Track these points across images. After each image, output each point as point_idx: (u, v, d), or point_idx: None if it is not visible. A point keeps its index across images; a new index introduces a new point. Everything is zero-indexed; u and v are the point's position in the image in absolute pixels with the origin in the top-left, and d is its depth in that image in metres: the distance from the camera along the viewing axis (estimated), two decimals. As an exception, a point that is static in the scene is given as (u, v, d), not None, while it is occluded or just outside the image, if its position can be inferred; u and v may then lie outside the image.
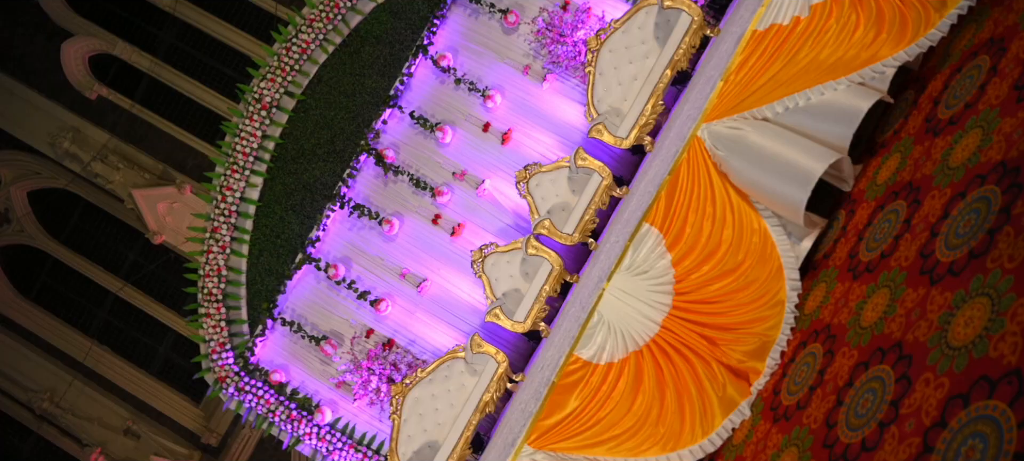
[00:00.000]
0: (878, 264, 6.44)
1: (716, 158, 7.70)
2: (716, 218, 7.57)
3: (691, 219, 7.62)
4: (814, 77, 7.57)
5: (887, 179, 7.08)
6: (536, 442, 7.57)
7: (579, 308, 8.23)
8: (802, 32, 7.75)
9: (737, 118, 7.71)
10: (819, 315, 7.07)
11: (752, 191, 7.62)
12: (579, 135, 12.00)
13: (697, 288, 7.56)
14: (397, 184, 12.36)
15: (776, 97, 7.65)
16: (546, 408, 7.61)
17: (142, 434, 13.98)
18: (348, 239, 12.46)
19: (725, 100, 7.82)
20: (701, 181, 7.65)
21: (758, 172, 7.49)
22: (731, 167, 7.62)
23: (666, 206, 7.72)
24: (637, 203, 8.48)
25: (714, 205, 7.59)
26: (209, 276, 12.37)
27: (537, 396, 7.78)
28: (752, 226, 7.52)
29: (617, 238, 8.46)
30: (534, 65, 12.17)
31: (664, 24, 10.53)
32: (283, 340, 12.44)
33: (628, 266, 7.77)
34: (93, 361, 14.72)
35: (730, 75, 7.87)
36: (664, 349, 7.55)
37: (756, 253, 7.47)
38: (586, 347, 7.70)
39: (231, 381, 12.14)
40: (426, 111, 12.36)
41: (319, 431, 11.94)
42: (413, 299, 12.22)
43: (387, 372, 11.73)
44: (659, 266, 7.63)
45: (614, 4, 12.06)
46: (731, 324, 7.53)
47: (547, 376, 7.87)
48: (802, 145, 7.43)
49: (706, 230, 7.57)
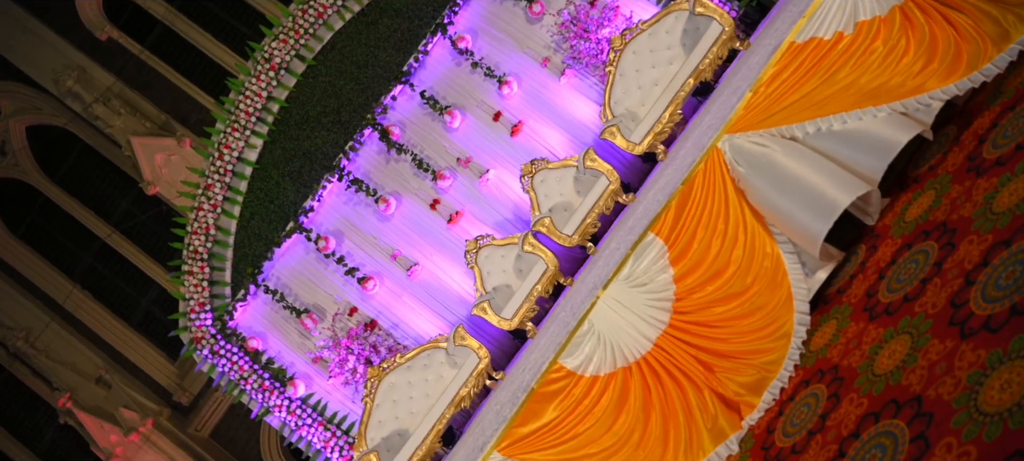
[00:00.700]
0: (899, 307, 5.69)
1: (735, 173, 6.92)
2: (727, 237, 6.80)
3: (700, 234, 6.85)
4: (852, 100, 6.79)
5: (918, 217, 6.32)
6: (506, 449, 6.82)
7: (569, 313, 7.49)
8: (844, 50, 6.97)
9: (763, 133, 6.92)
10: (826, 354, 6.33)
11: (769, 213, 6.83)
12: (591, 135, 11.29)
13: (698, 309, 6.80)
14: (399, 163, 11.63)
15: (808, 116, 6.87)
16: (522, 415, 6.85)
17: (114, 385, 13.29)
18: (342, 213, 11.73)
19: (752, 113, 7.03)
20: (716, 195, 6.88)
21: (779, 194, 6.70)
22: (750, 185, 6.83)
23: (675, 217, 6.94)
24: (644, 211, 7.73)
25: (726, 223, 6.82)
26: (196, 234, 11.65)
27: (514, 401, 7.04)
28: (764, 250, 6.76)
29: (618, 245, 7.71)
30: (554, 58, 11.43)
31: (693, 31, 9.84)
32: (264, 308, 11.71)
33: (627, 276, 6.99)
34: (73, 305, 14.01)
35: (760, 87, 7.07)
36: (655, 369, 6.80)
37: (766, 279, 6.70)
38: (572, 356, 6.92)
39: (206, 343, 11.43)
40: (438, 92, 11.63)
41: (290, 404, 11.23)
42: (402, 282, 11.49)
43: (366, 353, 11.01)
44: (660, 280, 6.85)
45: (643, 5, 11.32)
46: (730, 351, 6.76)
47: (527, 381, 7.12)
48: (830, 172, 6.65)
49: (715, 248, 6.80)
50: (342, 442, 11.12)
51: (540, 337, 8.34)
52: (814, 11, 7.10)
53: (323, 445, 11.13)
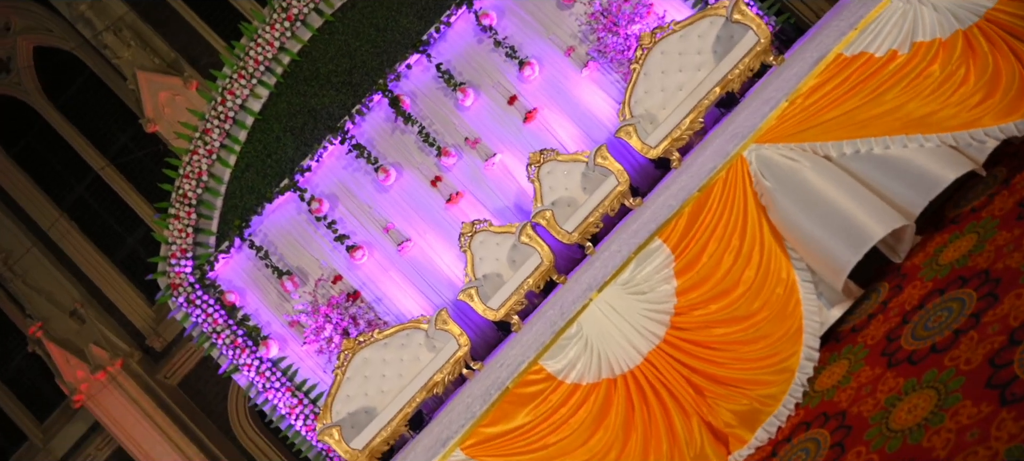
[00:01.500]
0: (925, 357, 4.89)
1: (759, 187, 6.05)
2: (741, 254, 5.95)
3: (711, 247, 6.00)
4: (898, 125, 5.90)
5: (954, 261, 5.51)
6: (471, 448, 6.00)
7: (558, 313, 6.69)
8: (896, 70, 6.10)
9: (795, 147, 6.03)
10: (833, 396, 5.52)
11: (791, 235, 5.95)
12: (605, 133, 10.51)
13: (697, 327, 5.97)
14: (405, 134, 10.85)
15: (846, 136, 5.97)
16: (492, 414, 6.03)
17: (88, 320, 12.56)
18: (340, 177, 10.96)
19: (785, 124, 6.15)
20: (734, 208, 6.03)
21: (805, 216, 5.81)
22: (774, 201, 5.94)
23: (687, 226, 6.08)
24: (651, 216, 6.92)
25: (742, 239, 5.97)
26: (188, 177, 10.88)
27: (486, 398, 6.23)
28: (780, 275, 5.92)
29: (619, 247, 6.91)
30: (579, 49, 10.65)
31: (726, 39, 9.08)
32: (247, 263, 10.95)
33: (625, 282, 6.15)
34: (58, 234, 13.25)
35: (798, 97, 6.19)
36: (641, 385, 5.98)
37: (776, 307, 5.87)
38: (555, 359, 6.10)
39: (183, 291, 10.66)
40: (454, 67, 10.84)
41: (260, 365, 10.46)
42: (391, 256, 10.72)
43: (344, 323, 10.24)
44: (661, 291, 6.01)
45: (678, 6, 10.53)
46: (726, 378, 5.93)
47: (503, 378, 6.32)
48: (865, 199, 5.77)
49: (726, 264, 5.96)
50: (308, 411, 10.36)
51: (524, 333, 7.57)
52: (868, 24, 6.25)
53: (288, 411, 10.37)
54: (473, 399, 6.69)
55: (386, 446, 8.80)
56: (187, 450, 11.71)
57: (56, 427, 13.01)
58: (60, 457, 12.75)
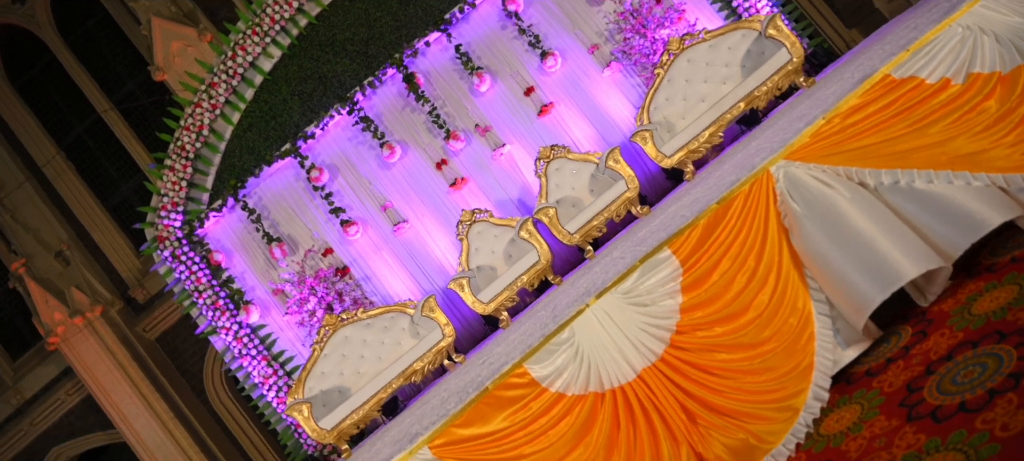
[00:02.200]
0: (953, 415, 4.24)
1: (784, 207, 5.33)
2: (756, 276, 5.26)
3: (724, 266, 5.30)
4: (943, 159, 5.16)
5: (990, 312, 4.85)
6: (439, 448, 5.35)
7: (550, 315, 6.04)
8: (947, 101, 5.37)
9: (828, 169, 5.31)
10: (841, 443, 4.86)
11: (813, 263, 5.21)
12: (619, 137, 9.92)
13: (699, 349, 5.29)
14: (415, 113, 10.24)
15: (886, 164, 5.23)
16: (467, 414, 5.38)
17: (72, 263, 11.95)
18: (343, 149, 10.34)
19: (820, 143, 5.42)
20: (754, 226, 5.34)
21: (832, 244, 5.05)
22: (799, 225, 5.19)
23: (700, 239, 5.39)
24: (661, 225, 6.27)
25: (759, 261, 5.28)
26: (188, 130, 10.27)
27: (463, 395, 5.58)
28: (795, 304, 5.24)
29: (623, 254, 6.26)
30: (603, 48, 10.03)
31: (757, 54, 8.47)
32: (237, 225, 10.34)
33: (626, 291, 5.47)
34: (53, 172, 12.64)
35: (836, 116, 5.47)
36: (630, 404, 5.32)
37: (787, 338, 5.19)
38: (541, 363, 5.43)
39: (169, 244, 10.05)
40: (474, 50, 10.23)
41: (238, 330, 9.86)
42: (385, 235, 10.12)
43: (329, 298, 9.63)
44: (664, 305, 5.32)
45: (710, 15, 9.93)
46: (723, 408, 5.25)
47: (483, 377, 5.67)
48: (900, 234, 5.04)
49: (738, 286, 5.27)
50: (282, 382, 9.75)
51: (512, 331, 6.93)
52: (922, 46, 5.56)
53: (262, 381, 9.76)
54: (449, 394, 6.06)
55: (356, 429, 8.18)
56: (157, 406, 11.09)
57: (28, 367, 12.42)
58: (28, 397, 12.16)
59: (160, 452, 10.92)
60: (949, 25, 5.58)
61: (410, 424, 6.15)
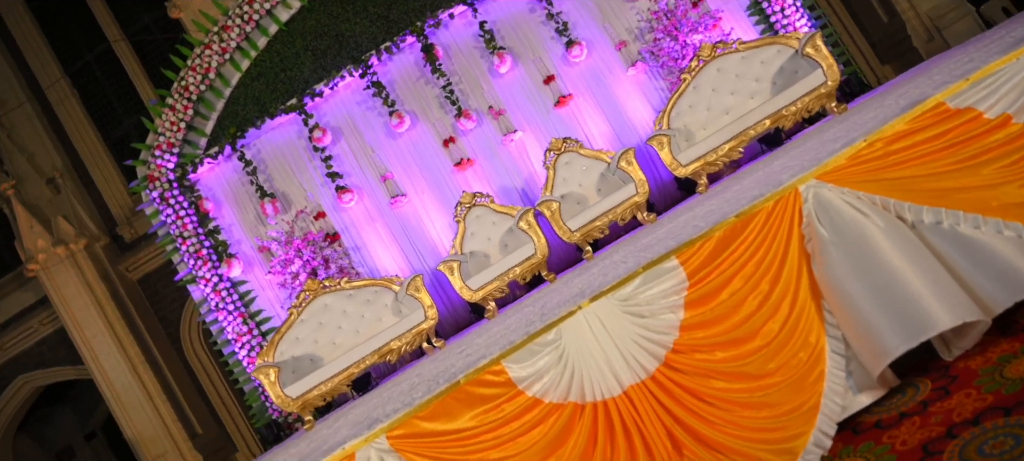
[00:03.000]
0: (976, 487, 3.63)
1: (810, 230, 4.63)
2: (768, 301, 4.60)
3: (735, 285, 4.64)
4: (994, 205, 4.44)
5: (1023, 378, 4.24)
6: (398, 440, 4.73)
7: (538, 313, 5.42)
8: (1006, 141, 4.65)
9: (864, 196, 4.65)
10: (839, 498, 4.27)
11: (834, 296, 4.49)
12: (635, 139, 9.32)
13: (695, 373, 4.64)
14: (429, 86, 9.64)
15: (929, 201, 4.52)
16: (433, 407, 4.76)
17: (63, 191, 11.37)
18: (350, 112, 9.75)
19: (858, 166, 4.72)
20: (773, 247, 4.67)
21: (859, 279, 4.45)
22: (826, 251, 4.47)
23: (712, 253, 4.72)
24: (669, 233, 5.65)
25: (773, 285, 4.61)
26: (194, 70, 9.68)
27: (432, 385, 4.97)
28: (807, 337, 4.58)
29: (624, 258, 5.64)
30: (631, 46, 9.42)
31: (790, 72, 7.87)
32: (232, 175, 9.76)
33: (624, 297, 4.81)
34: (55, 96, 12.02)
35: (879, 140, 4.77)
36: (612, 421, 4.67)
37: (794, 374, 4.54)
38: (521, 363, 4.79)
39: (159, 185, 9.47)
40: (499, 29, 9.62)
41: (218, 282, 9.28)
42: (381, 207, 9.52)
43: (315, 263, 9.04)
44: (663, 319, 4.66)
45: (746, 27, 9.31)
46: (714, 441, 4.61)
47: (457, 368, 5.06)
48: (937, 280, 4.36)
49: (747, 309, 4.60)
50: (255, 342, 9.18)
51: (496, 323, 6.31)
52: (983, 77, 4.90)
53: (235, 337, 9.18)
54: (419, 381, 5.45)
55: (322, 401, 7.59)
56: (129, 348, 10.52)
57: (5, 291, 11.82)
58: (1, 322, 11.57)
59: (126, 395, 10.35)
60: (1017, 57, 4.93)
61: (374, 407, 5.54)
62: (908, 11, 10.85)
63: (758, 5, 9.24)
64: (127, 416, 10.24)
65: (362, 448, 4.75)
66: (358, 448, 4.74)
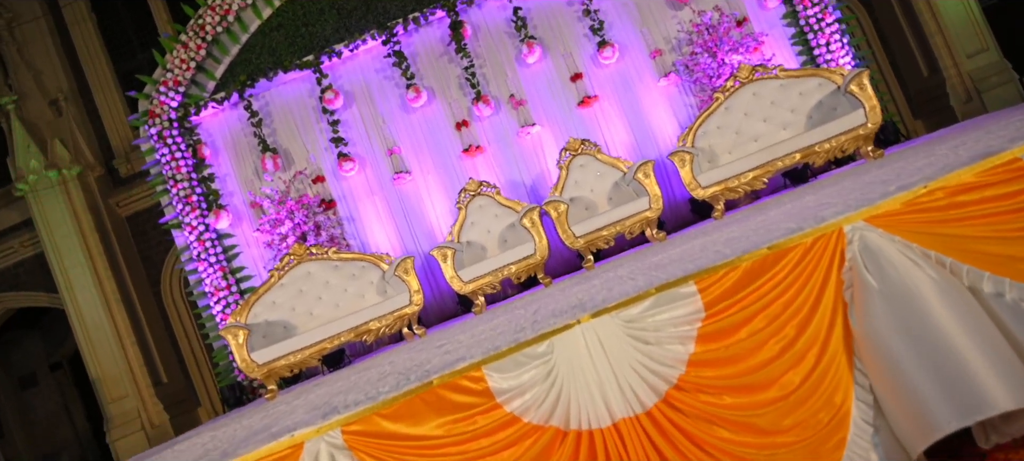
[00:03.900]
0: None
1: (853, 275, 3.96)
2: (792, 349, 3.83)
3: (757, 325, 3.87)
4: None
5: (1078, 483, 3.54)
6: (353, 436, 4.03)
7: (530, 318, 4.73)
8: None
9: (918, 249, 3.87)
10: None
11: (873, 353, 3.64)
12: (656, 152, 8.64)
13: (698, 416, 3.88)
14: (451, 64, 8.96)
15: (995, 267, 3.89)
16: (398, 406, 4.06)
17: (65, 115, 10.70)
18: (367, 78, 9.06)
19: (914, 214, 3.90)
20: (807, 287, 3.86)
21: (906, 339, 3.74)
22: (869, 302, 3.82)
23: (736, 285, 3.94)
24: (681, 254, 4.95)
25: (800, 331, 3.84)
26: (213, 10, 9.02)
27: (401, 381, 4.27)
28: (832, 396, 3.80)
29: (632, 274, 4.94)
30: (666, 56, 8.73)
31: (829, 107, 7.22)
32: (235, 123, 9.09)
33: (630, 319, 4.03)
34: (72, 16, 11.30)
35: (940, 189, 3.96)
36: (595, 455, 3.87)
37: (812, 435, 3.77)
38: (504, 373, 4.05)
39: (159, 123, 8.81)
40: (532, 18, 8.96)
41: (204, 231, 8.62)
42: (383, 181, 8.85)
43: (306, 227, 8.35)
44: (670, 350, 3.89)
45: (788, 57, 8.63)
46: (706, 496, 3.96)
47: (432, 366, 4.37)
48: (999, 354, 3.68)
49: (767, 354, 3.83)
50: (232, 298, 8.50)
51: (482, 321, 5.61)
52: None
53: (212, 291, 8.51)
54: (389, 373, 4.76)
55: (289, 372, 6.92)
56: (106, 284, 9.84)
57: (-9, 207, 11.15)
58: (-17, 238, 10.92)
59: (96, 332, 9.67)
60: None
61: (337, 392, 4.86)
62: (951, 68, 10.16)
63: (803, 35, 8.54)
64: (93, 352, 9.58)
65: (312, 439, 4.06)
66: (308, 438, 4.05)
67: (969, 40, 10.08)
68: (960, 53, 10.06)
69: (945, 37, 10.10)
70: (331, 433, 4.06)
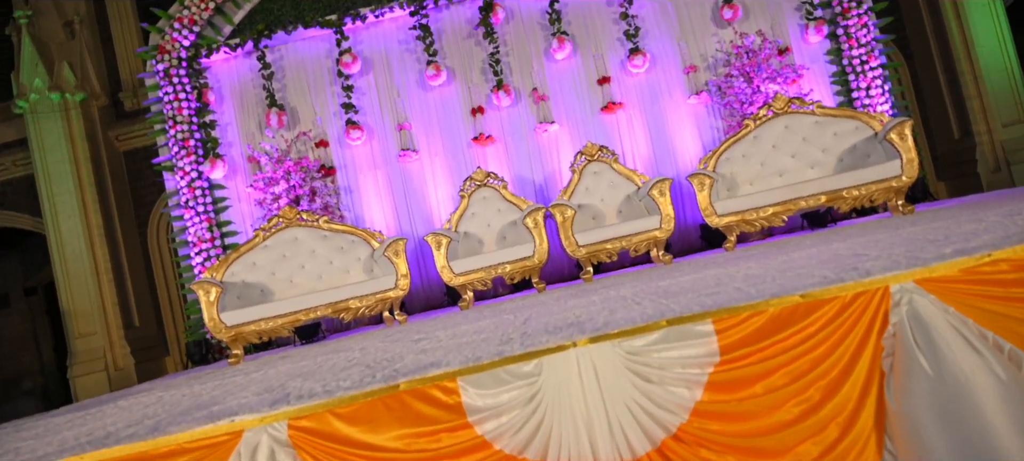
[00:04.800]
0: None
1: (897, 343, 3.04)
2: (815, 416, 3.12)
3: (777, 380, 3.17)
4: None
5: None
6: (299, 433, 3.35)
7: (519, 330, 4.10)
8: None
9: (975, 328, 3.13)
10: None
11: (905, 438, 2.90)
12: (673, 171, 7.99)
13: None
14: (477, 47, 8.35)
15: None
16: (357, 407, 3.40)
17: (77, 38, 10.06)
18: (388, 48, 8.45)
19: (973, 284, 3.14)
20: (840, 348, 3.10)
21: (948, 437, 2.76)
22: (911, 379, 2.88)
23: (760, 332, 3.22)
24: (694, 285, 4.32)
25: (829, 396, 3.13)
26: (242, -50, 8.39)
27: (366, 377, 3.64)
28: None
29: (637, 296, 4.31)
30: (700, 74, 8.11)
31: (863, 153, 6.64)
32: (245, 72, 8.48)
33: (634, 351, 3.29)
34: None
35: (1007, 261, 3.23)
36: (569, 499, 3.34)
37: None
38: (481, 389, 3.35)
39: (168, 59, 8.20)
40: (567, 12, 8.36)
41: (196, 178, 8.00)
42: (388, 155, 8.23)
43: (300, 190, 7.74)
44: (674, 393, 3.19)
45: (826, 94, 8.00)
46: None
47: (403, 365, 3.74)
48: None
49: (784, 416, 3.13)
50: (213, 252, 7.87)
51: (467, 317, 4.98)
52: None
53: (195, 240, 7.89)
54: (359, 359, 4.14)
55: (258, 338, 6.29)
56: (92, 217, 9.22)
57: (-11, 119, 10.48)
58: (-24, 151, 10.25)
59: (74, 263, 9.05)
60: None
61: (295, 374, 4.24)
62: (984, 134, 9.51)
63: (844, 75, 7.91)
64: (68, 283, 8.96)
65: (254, 429, 3.42)
66: (249, 427, 3.41)
67: (1007, 109, 9.43)
68: (996, 121, 9.41)
69: (983, 102, 9.44)
70: (276, 425, 3.43)
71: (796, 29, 8.08)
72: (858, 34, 7.79)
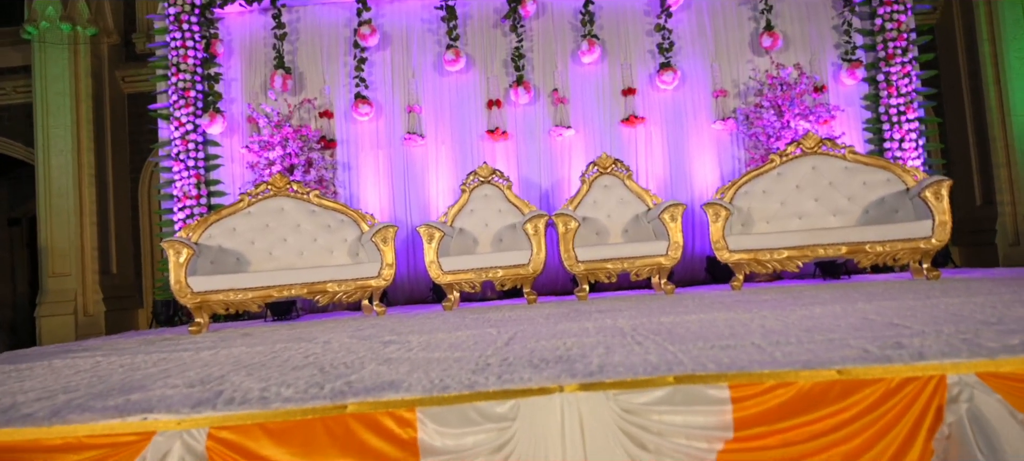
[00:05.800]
0: None
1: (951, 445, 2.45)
2: None
3: None
4: None
5: None
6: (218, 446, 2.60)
7: (498, 354, 3.41)
8: None
9: None
10: None
11: None
12: (688, 196, 7.30)
13: None
14: (503, 38, 7.68)
15: None
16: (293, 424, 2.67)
17: (97, -21, 9.40)
18: (409, 25, 7.80)
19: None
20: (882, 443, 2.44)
21: None
22: None
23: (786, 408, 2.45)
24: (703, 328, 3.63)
25: None
26: (271, -97, 7.71)
27: (308, 389, 2.93)
28: None
29: (637, 333, 3.63)
30: (730, 100, 7.46)
31: (892, 208, 6.04)
32: (258, 30, 7.83)
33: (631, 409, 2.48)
34: None
35: None
36: None
37: None
38: (443, 427, 2.58)
39: (180, 4, 7.51)
40: (601, 15, 7.68)
41: (191, 131, 7.31)
42: (392, 138, 7.56)
43: (296, 160, 7.06)
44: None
45: (857, 140, 7.33)
46: None
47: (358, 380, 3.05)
48: None
49: None
50: (198, 210, 7.18)
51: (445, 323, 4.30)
52: None
53: (180, 195, 7.20)
54: (307, 365, 3.45)
55: (224, 309, 5.62)
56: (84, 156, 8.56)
57: (-3, 40, 9.82)
58: (-20, 70, 9.58)
59: (58, 199, 8.39)
60: None
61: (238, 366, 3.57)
62: (1007, 205, 8.82)
63: (878, 123, 7.23)
64: (49, 219, 8.30)
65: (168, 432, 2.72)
66: (161, 429, 2.70)
67: (1036, 183, 8.75)
68: (1022, 193, 8.73)
69: (1011, 172, 8.76)
70: (195, 431, 2.73)
71: (833, 68, 7.40)
72: (899, 82, 7.10)
